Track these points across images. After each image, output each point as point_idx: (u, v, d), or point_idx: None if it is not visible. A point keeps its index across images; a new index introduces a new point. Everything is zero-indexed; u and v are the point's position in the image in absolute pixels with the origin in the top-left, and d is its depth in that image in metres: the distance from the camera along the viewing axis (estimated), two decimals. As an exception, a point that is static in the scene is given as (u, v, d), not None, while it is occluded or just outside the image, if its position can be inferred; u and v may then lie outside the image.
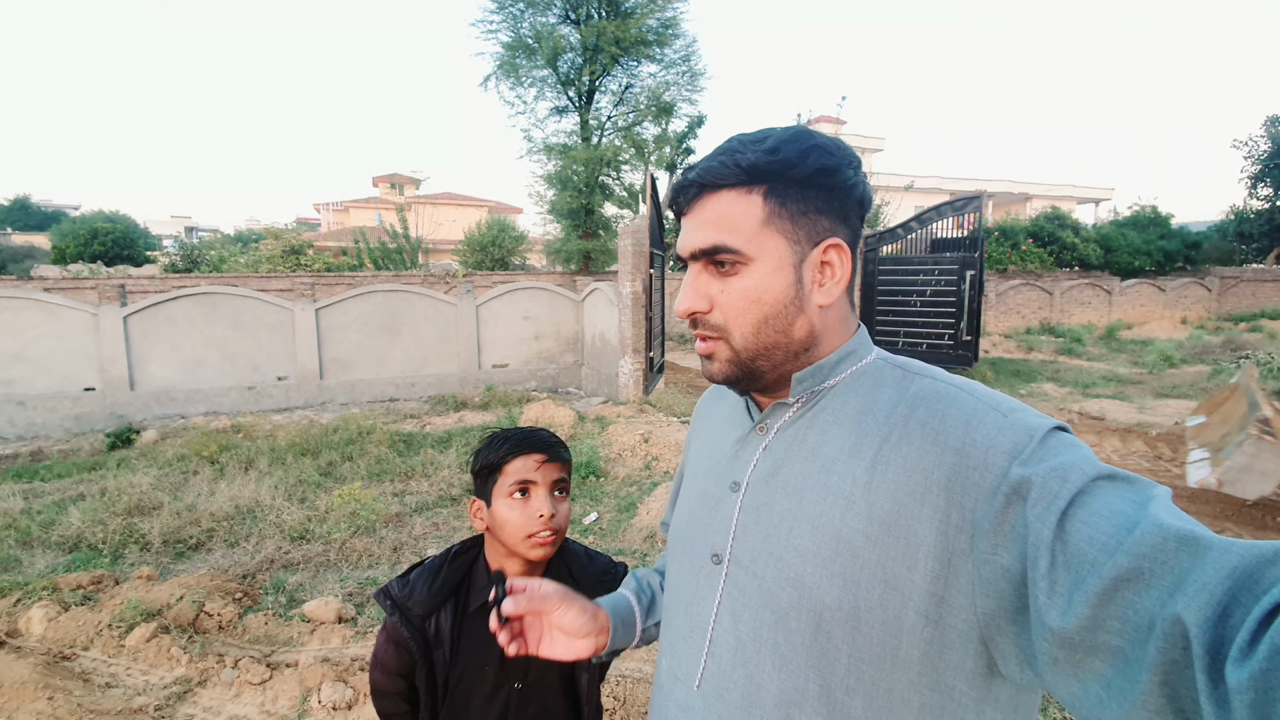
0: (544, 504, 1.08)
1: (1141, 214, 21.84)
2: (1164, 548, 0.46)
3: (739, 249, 0.68)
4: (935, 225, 10.25)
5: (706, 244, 0.69)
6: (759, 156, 0.67)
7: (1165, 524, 0.47)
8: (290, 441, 6.69)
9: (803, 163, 0.67)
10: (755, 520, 0.71)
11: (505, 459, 1.09)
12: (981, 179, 31.33)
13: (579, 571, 1.18)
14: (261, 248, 14.67)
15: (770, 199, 0.68)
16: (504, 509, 1.08)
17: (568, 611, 0.84)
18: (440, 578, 1.10)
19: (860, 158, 0.72)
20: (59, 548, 4.43)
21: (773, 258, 0.68)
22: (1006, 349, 14.57)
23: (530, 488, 1.08)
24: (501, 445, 1.11)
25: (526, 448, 1.09)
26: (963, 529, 0.58)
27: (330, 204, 37.06)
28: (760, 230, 0.68)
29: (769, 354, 0.70)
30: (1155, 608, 0.45)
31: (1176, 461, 6.37)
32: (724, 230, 0.68)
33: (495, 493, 1.10)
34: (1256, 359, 11.11)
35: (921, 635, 0.60)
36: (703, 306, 0.71)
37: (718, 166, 0.69)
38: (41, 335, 8.31)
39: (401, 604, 1.08)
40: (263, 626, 3.30)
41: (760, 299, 0.69)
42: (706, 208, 0.70)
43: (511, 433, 1.13)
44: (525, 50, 12.13)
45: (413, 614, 1.07)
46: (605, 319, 9.82)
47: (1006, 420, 0.61)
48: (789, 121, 22.01)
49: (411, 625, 1.06)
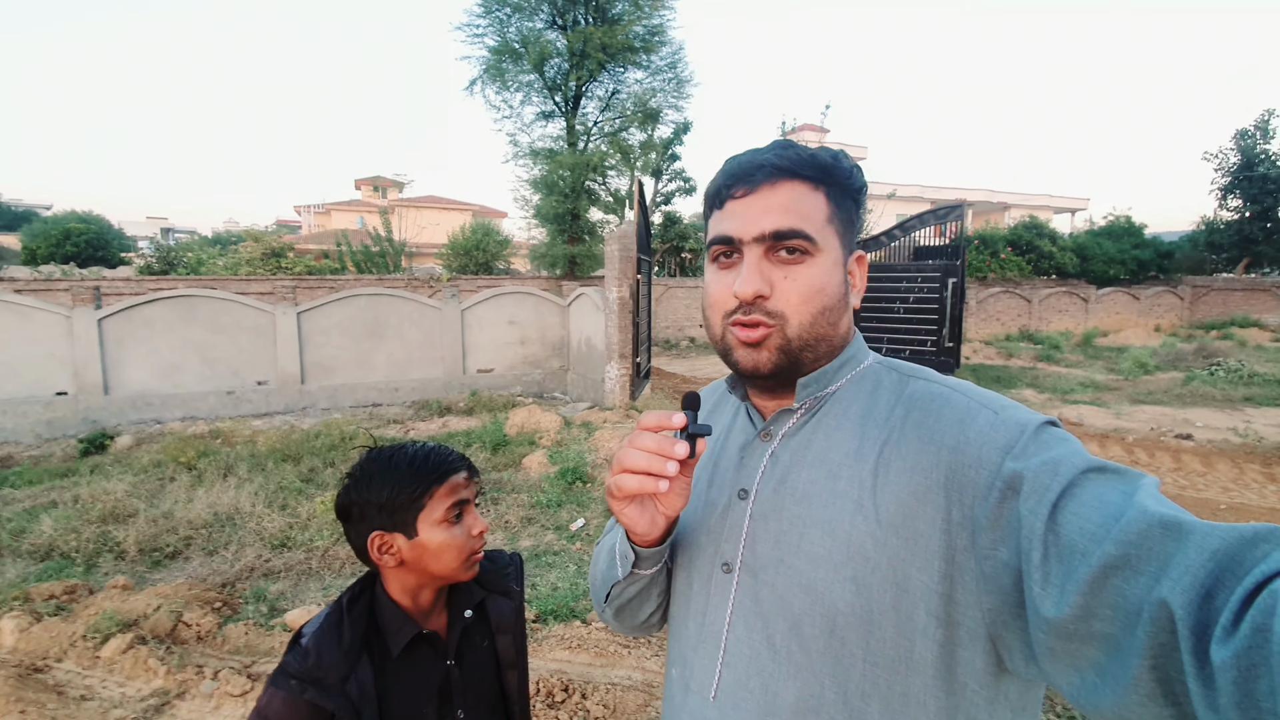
0: (479, 520, 1.05)
1: (1116, 224, 22.34)
2: (1149, 534, 0.47)
3: (814, 235, 0.69)
4: (918, 233, 10.39)
5: (784, 226, 0.68)
6: (827, 159, 0.71)
7: (1150, 510, 0.48)
8: (270, 447, 6.58)
9: (853, 177, 0.73)
10: (765, 527, 0.71)
11: (435, 484, 1.01)
12: (961, 188, 31.83)
13: (485, 571, 1.13)
14: (241, 250, 14.44)
15: (831, 200, 0.72)
16: (440, 535, 0.99)
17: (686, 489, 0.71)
18: (345, 633, 0.97)
19: None
20: (30, 556, 4.31)
21: (833, 252, 0.71)
22: (987, 355, 14.78)
23: (465, 508, 1.04)
24: (420, 472, 1.01)
25: (450, 469, 1.02)
26: (963, 526, 0.59)
27: (311, 206, 36.66)
28: (825, 225, 0.71)
29: (816, 345, 0.71)
30: (1143, 593, 0.46)
31: (1152, 466, 6.50)
32: (799, 217, 0.69)
33: (422, 521, 1.00)
34: (1227, 366, 11.39)
35: (934, 636, 0.60)
36: (766, 290, 0.69)
37: (795, 157, 0.70)
38: (11, 338, 8.09)
39: (311, 677, 0.92)
40: (243, 637, 3.23)
41: (824, 289, 0.70)
42: (779, 193, 0.70)
43: (419, 458, 1.02)
44: (512, 55, 12.09)
45: (328, 681, 0.93)
46: (591, 324, 9.80)
47: (999, 417, 0.62)
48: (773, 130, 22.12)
49: (331, 695, 0.92)
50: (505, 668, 1.12)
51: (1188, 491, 5.71)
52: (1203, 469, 6.36)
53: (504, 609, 1.14)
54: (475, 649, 1.10)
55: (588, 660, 3.00)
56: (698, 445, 0.66)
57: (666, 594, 0.84)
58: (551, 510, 5.15)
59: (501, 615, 1.13)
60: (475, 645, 1.10)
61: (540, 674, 2.82)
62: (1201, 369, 11.74)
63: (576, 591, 3.65)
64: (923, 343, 9.72)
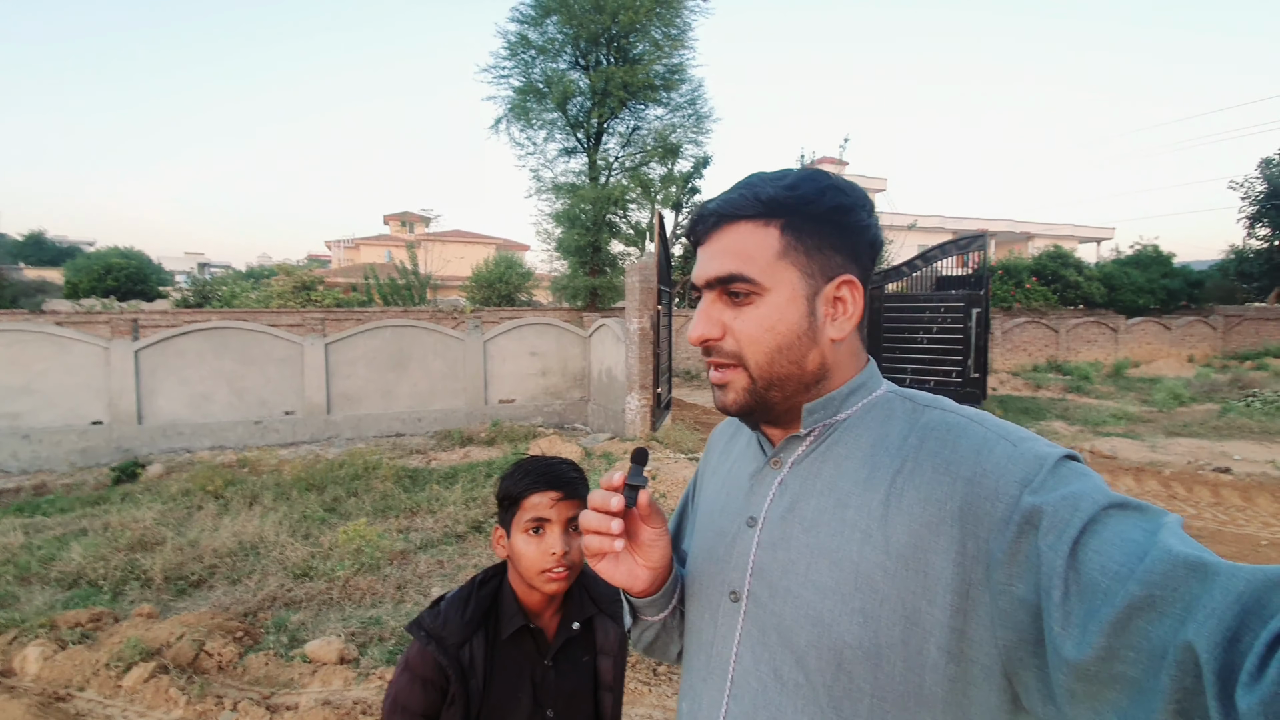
0: (557, 542, 1.07)
1: (1144, 253, 21.98)
2: (1174, 574, 0.46)
3: (754, 278, 0.69)
4: (940, 263, 10.33)
5: (722, 272, 0.70)
6: (778, 190, 0.69)
7: (1175, 551, 0.47)
8: (295, 476, 6.65)
9: (820, 199, 0.69)
10: (773, 556, 0.70)
11: (523, 494, 1.10)
12: (983, 218, 31.67)
13: (597, 592, 1.19)
14: (273, 283, 14.84)
15: (787, 232, 0.69)
16: (520, 543, 1.09)
17: (659, 541, 0.75)
18: (470, 606, 1.11)
19: (873, 201, 0.74)
20: (58, 584, 4.37)
21: (787, 289, 0.69)
22: (1014, 386, 14.50)
23: (545, 525, 1.08)
24: (522, 478, 1.11)
25: (544, 484, 1.09)
26: (978, 560, 0.58)
27: (341, 241, 37.70)
28: (775, 262, 0.69)
29: (782, 384, 0.70)
30: (1168, 635, 0.44)
31: (1190, 501, 6.26)
32: (740, 260, 0.69)
33: (514, 525, 1.11)
34: (1264, 397, 11.03)
35: (945, 672, 0.58)
36: (715, 333, 0.72)
37: (737, 198, 0.71)
38: (50, 369, 8.36)
39: (436, 633, 1.07)
40: (263, 667, 3.22)
41: (774, 328, 0.69)
42: (724, 238, 0.71)
43: (533, 465, 1.13)
44: (536, 94, 12.45)
45: (447, 643, 1.07)
46: (612, 355, 9.84)
47: (1017, 449, 0.60)
48: (792, 162, 22.46)
49: (447, 654, 1.06)
50: (602, 689, 1.16)
51: (1228, 527, 5.48)
52: (1242, 503, 6.11)
53: (610, 632, 1.19)
54: (575, 661, 1.16)
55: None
56: (640, 496, 0.71)
57: None
58: (571, 542, 5.11)
59: (607, 637, 1.19)
60: (575, 657, 1.16)
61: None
62: (1237, 400, 11.38)
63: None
64: (947, 373, 9.58)
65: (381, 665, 3.21)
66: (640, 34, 12.26)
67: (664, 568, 0.78)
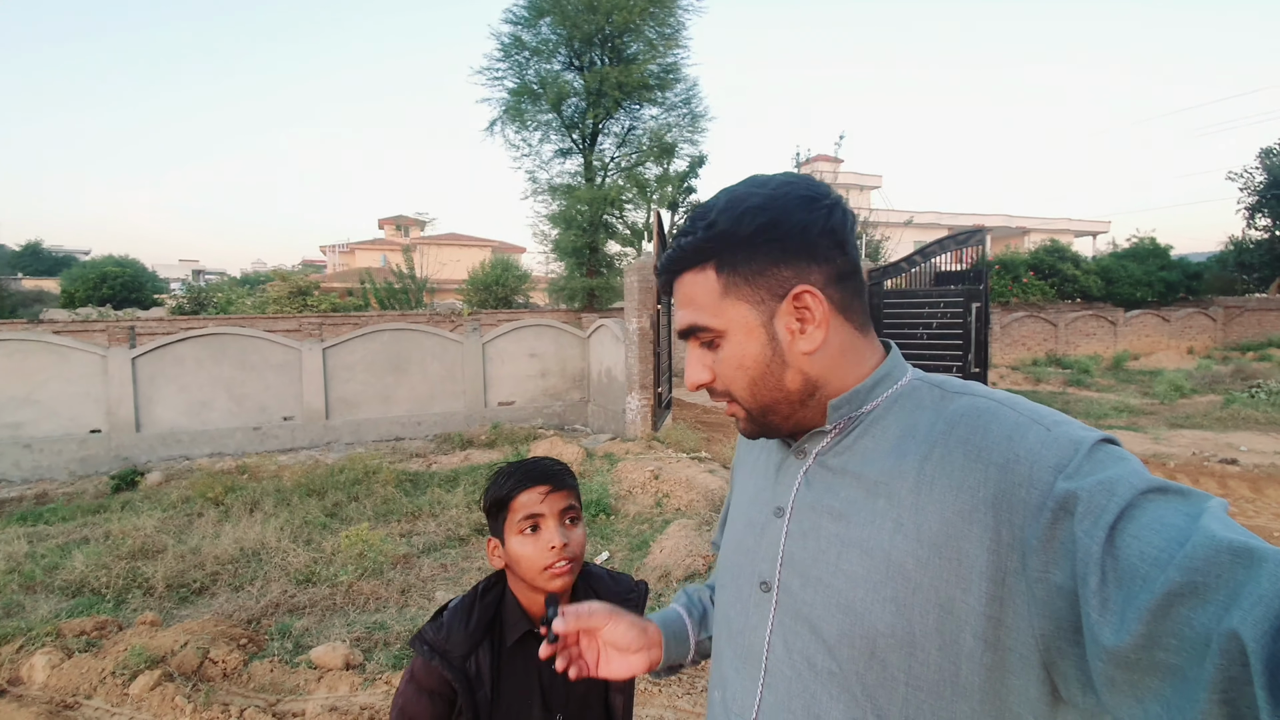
0: (554, 535, 1.07)
1: (1141, 245, 21.99)
2: (1217, 560, 0.44)
3: (708, 325, 0.71)
4: (938, 259, 10.32)
5: (685, 324, 0.73)
6: (701, 235, 0.70)
7: (1218, 536, 0.45)
8: (296, 482, 6.63)
9: (739, 227, 0.68)
10: (802, 546, 0.70)
11: (511, 495, 1.09)
12: (978, 214, 31.73)
13: (605, 593, 1.18)
14: (269, 289, 14.80)
15: (723, 271, 0.70)
16: (517, 545, 1.08)
17: (617, 626, 0.85)
18: (474, 616, 1.09)
19: (817, 190, 0.69)
20: (62, 592, 4.35)
21: (740, 325, 0.70)
22: (1014, 381, 14.51)
23: (539, 521, 1.08)
24: (506, 481, 1.10)
25: (530, 481, 1.09)
26: (1014, 547, 0.56)
27: (336, 246, 37.61)
28: (720, 302, 0.70)
29: (774, 409, 0.72)
30: (1211, 623, 0.43)
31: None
32: (694, 310, 0.72)
33: (507, 530, 1.09)
34: (1268, 388, 11.04)
35: (981, 661, 0.57)
36: (706, 378, 0.74)
37: (675, 253, 0.73)
38: (50, 378, 8.33)
39: (439, 647, 1.06)
40: (268, 674, 3.21)
41: (742, 364, 0.71)
42: (680, 290, 0.74)
43: (515, 466, 1.12)
44: (530, 96, 12.42)
45: (452, 656, 1.05)
46: (611, 355, 9.83)
47: (1050, 434, 0.59)
48: (787, 161, 22.39)
49: (453, 667, 1.04)
50: (613, 690, 1.16)
51: (1237, 519, 5.47)
52: (1251, 494, 6.12)
53: None
54: None
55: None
56: (554, 626, 0.81)
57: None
58: (575, 543, 5.10)
59: None
60: None
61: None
62: (1240, 391, 11.38)
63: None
64: (948, 369, 9.57)
65: (388, 670, 3.19)
66: (634, 34, 12.25)
67: (644, 642, 0.86)
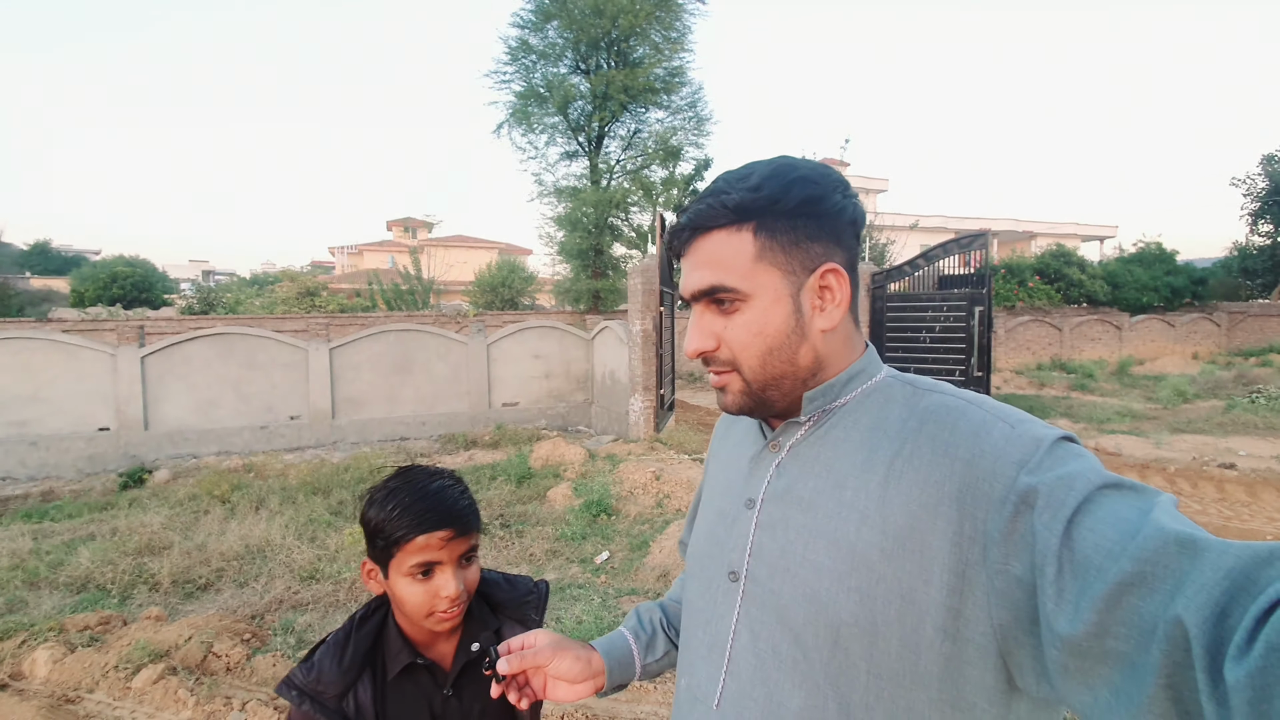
0: (450, 584, 0.95)
1: (1147, 250, 21.89)
2: (1164, 551, 0.47)
3: (735, 287, 0.69)
4: (942, 262, 10.31)
5: (704, 285, 0.71)
6: (744, 195, 0.68)
7: (1166, 528, 0.48)
8: (301, 480, 6.69)
9: (787, 195, 0.68)
10: (771, 537, 0.71)
11: (405, 539, 0.94)
12: (985, 218, 31.60)
13: (502, 598, 1.11)
14: (277, 290, 14.91)
15: (761, 234, 0.69)
16: (403, 586, 0.95)
17: (562, 662, 0.88)
18: (349, 651, 0.98)
19: (846, 180, 0.72)
20: (67, 588, 4.41)
21: (769, 291, 0.69)
22: (1018, 385, 14.47)
23: (435, 568, 0.95)
24: (400, 518, 0.94)
25: (430, 525, 0.94)
26: (975, 540, 0.58)
27: (345, 247, 37.82)
28: (754, 266, 0.69)
29: (778, 383, 0.72)
30: (1158, 611, 0.45)
31: (1196, 496, 6.25)
32: (719, 270, 0.70)
33: (393, 567, 0.96)
34: (1268, 393, 10.98)
35: (940, 651, 0.59)
36: (710, 345, 0.73)
37: (706, 209, 0.70)
38: (58, 376, 8.42)
39: (310, 690, 0.96)
40: (271, 668, 3.25)
41: (762, 332, 0.70)
42: (701, 250, 0.72)
43: (413, 498, 0.96)
44: (537, 99, 12.50)
45: (325, 697, 0.95)
46: (615, 357, 9.86)
47: (1014, 431, 0.61)
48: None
49: (326, 710, 0.95)
50: (519, 716, 1.07)
51: (1233, 522, 5.47)
52: (1248, 499, 6.10)
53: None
54: (482, 680, 1.02)
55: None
56: (499, 666, 0.85)
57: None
58: (576, 543, 5.13)
59: None
60: (482, 677, 1.04)
61: (564, 707, 2.78)
62: (1242, 397, 11.33)
63: (601, 624, 3.61)
64: (951, 372, 9.55)
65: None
66: (640, 37, 12.31)
67: (588, 673, 0.89)
